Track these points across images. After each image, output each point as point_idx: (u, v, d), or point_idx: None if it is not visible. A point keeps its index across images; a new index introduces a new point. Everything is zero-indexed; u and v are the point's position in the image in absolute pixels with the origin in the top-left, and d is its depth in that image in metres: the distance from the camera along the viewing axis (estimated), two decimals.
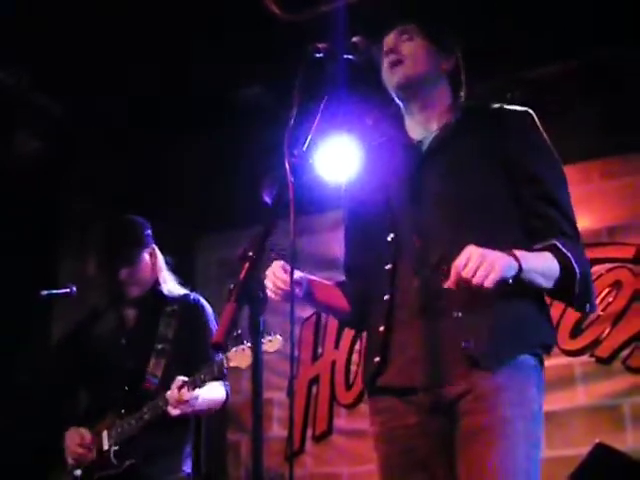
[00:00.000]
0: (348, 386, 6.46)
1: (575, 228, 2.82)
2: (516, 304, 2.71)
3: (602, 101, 5.57)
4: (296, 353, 6.51)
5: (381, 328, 2.79)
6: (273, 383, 6.17)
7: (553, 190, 2.80)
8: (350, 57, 2.69)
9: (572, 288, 2.68)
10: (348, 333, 6.52)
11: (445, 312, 2.68)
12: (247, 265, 2.20)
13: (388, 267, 2.82)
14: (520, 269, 2.55)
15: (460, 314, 2.67)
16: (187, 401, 3.85)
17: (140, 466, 4.01)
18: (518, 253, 2.57)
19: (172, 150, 6.15)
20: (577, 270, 2.66)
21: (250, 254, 2.21)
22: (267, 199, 2.34)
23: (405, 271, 2.78)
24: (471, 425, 2.63)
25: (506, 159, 2.79)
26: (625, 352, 5.59)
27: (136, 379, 4.12)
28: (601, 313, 5.69)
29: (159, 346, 4.18)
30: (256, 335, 2.19)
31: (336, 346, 6.57)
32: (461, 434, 2.65)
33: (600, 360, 5.64)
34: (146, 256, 4.29)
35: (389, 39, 2.94)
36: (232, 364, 3.85)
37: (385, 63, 2.93)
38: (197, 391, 3.88)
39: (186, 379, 3.87)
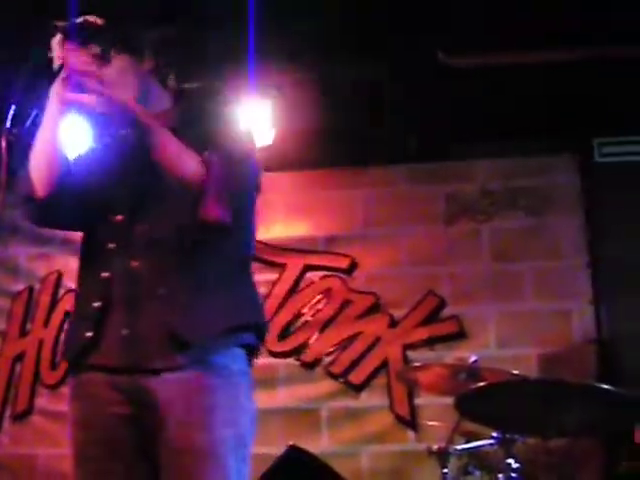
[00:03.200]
0: (54, 366, 6.34)
1: None
2: (227, 282, 2.73)
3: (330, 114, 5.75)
4: (4, 327, 6.35)
5: (96, 304, 2.73)
6: None
7: None
8: (86, 36, 2.64)
9: None
10: (60, 310, 6.40)
11: (152, 290, 2.66)
12: None
13: (111, 246, 2.77)
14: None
15: (165, 291, 2.66)
16: None
17: None
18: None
19: None
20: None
21: None
22: None
23: (123, 252, 2.74)
24: (183, 440, 2.58)
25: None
26: (328, 358, 5.81)
27: None
28: (310, 319, 5.89)
29: None
30: None
31: (46, 324, 6.43)
32: (171, 446, 2.60)
33: (304, 364, 5.84)
34: None
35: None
36: None
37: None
38: None
39: None
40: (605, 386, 3.68)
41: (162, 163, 2.59)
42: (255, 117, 5.50)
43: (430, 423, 5.21)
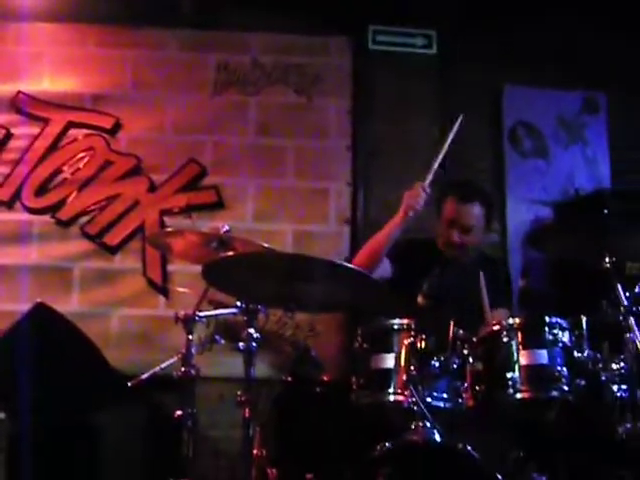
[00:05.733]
0: None
1: None
2: None
3: None
4: None
5: None
6: None
7: None
8: None
9: None
10: None
11: None
12: None
13: None
14: None
15: None
16: None
17: None
18: None
19: None
20: None
21: None
22: None
23: None
24: None
25: None
26: (85, 218, 5.73)
27: None
28: (69, 177, 5.77)
29: None
30: None
31: None
32: None
33: (60, 222, 5.72)
34: None
35: None
36: None
37: None
38: None
39: None
40: (349, 265, 3.79)
41: None
42: None
43: (180, 290, 5.27)
